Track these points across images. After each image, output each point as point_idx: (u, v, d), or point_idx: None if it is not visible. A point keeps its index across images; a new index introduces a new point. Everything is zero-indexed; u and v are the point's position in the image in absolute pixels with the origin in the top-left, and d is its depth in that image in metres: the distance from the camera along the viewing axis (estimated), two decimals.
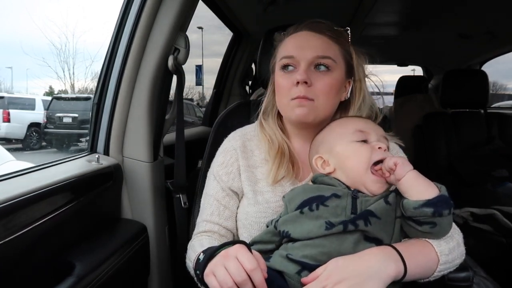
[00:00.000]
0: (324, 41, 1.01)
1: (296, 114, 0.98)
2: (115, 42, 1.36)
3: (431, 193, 0.83)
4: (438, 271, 0.89)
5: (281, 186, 1.04)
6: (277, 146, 1.05)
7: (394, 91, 3.81)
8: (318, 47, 0.99)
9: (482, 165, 2.45)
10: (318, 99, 0.97)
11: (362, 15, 2.43)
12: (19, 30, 33.65)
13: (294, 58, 0.99)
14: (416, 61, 4.29)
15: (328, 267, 0.81)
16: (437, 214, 0.82)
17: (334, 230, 0.84)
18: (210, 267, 0.79)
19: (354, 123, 0.97)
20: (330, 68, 0.99)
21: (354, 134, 0.93)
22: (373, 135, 0.93)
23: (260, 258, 0.79)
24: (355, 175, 0.90)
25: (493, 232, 1.91)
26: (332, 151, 0.95)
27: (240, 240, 0.83)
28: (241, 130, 1.16)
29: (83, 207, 1.15)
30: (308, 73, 0.97)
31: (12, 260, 0.89)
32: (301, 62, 0.98)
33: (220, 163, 1.10)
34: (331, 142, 0.96)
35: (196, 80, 16.11)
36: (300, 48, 0.99)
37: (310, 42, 1.00)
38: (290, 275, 0.84)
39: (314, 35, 1.01)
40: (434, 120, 2.74)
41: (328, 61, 0.98)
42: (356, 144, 0.92)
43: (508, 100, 9.43)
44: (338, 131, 0.97)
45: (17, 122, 9.54)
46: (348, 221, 0.84)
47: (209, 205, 1.09)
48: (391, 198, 0.87)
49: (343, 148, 0.93)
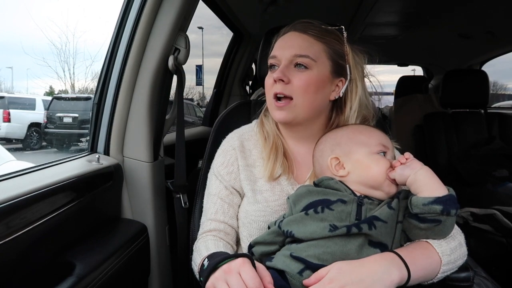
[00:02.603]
0: (304, 39, 1.03)
1: (275, 116, 1.04)
2: (115, 42, 1.36)
3: (441, 192, 0.84)
4: (442, 272, 0.89)
5: (279, 184, 1.05)
6: (271, 141, 1.08)
7: (394, 91, 3.82)
8: (297, 46, 1.01)
9: (483, 165, 2.45)
10: (297, 97, 1.00)
11: (363, 15, 2.43)
12: (19, 30, 33.66)
13: (276, 57, 1.03)
14: (416, 61, 4.28)
15: (331, 270, 0.80)
16: (445, 212, 0.83)
17: (337, 232, 0.84)
18: (212, 281, 0.79)
19: (379, 136, 0.98)
20: (308, 66, 1.00)
21: (377, 146, 0.95)
22: (390, 151, 0.97)
23: (264, 271, 0.80)
24: (374, 183, 0.92)
25: (493, 232, 1.91)
26: (350, 156, 0.95)
27: (244, 254, 0.84)
28: (239, 130, 1.17)
29: (84, 207, 1.15)
30: (286, 71, 1.00)
31: (12, 260, 0.89)
32: (282, 61, 1.02)
33: (221, 163, 1.11)
34: (351, 147, 0.97)
35: (196, 80, 16.15)
36: (282, 48, 1.03)
37: (291, 41, 1.03)
38: (292, 274, 0.83)
39: (297, 35, 1.04)
40: (435, 120, 2.75)
41: (305, 59, 1.00)
42: (378, 156, 0.94)
43: (508, 100, 9.43)
44: (361, 139, 0.97)
45: (17, 122, 9.53)
46: (351, 224, 0.85)
47: (213, 204, 1.09)
48: (394, 204, 0.89)
49: (365, 157, 0.94)
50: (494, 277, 1.38)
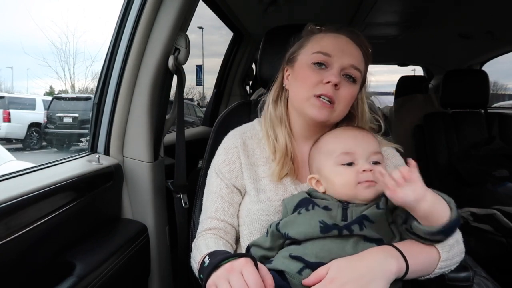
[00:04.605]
0: (360, 53, 1.04)
1: (313, 113, 0.99)
2: (115, 42, 1.36)
3: (444, 216, 0.82)
4: (439, 268, 0.88)
5: (283, 184, 1.05)
6: (282, 145, 1.06)
7: (394, 91, 3.82)
8: (356, 57, 1.02)
9: (483, 165, 2.45)
10: (339, 105, 1.00)
11: (363, 15, 2.43)
12: (19, 30, 33.68)
13: (331, 57, 1.00)
14: (416, 61, 4.28)
15: (331, 269, 0.80)
16: (449, 236, 0.85)
17: (330, 234, 0.85)
18: (213, 279, 0.79)
19: (341, 143, 0.97)
20: (356, 80, 1.02)
21: (339, 157, 0.94)
22: (360, 154, 0.93)
23: (266, 273, 0.80)
24: (345, 194, 0.92)
25: (493, 232, 1.91)
26: (321, 173, 0.98)
27: (247, 254, 0.84)
28: (240, 129, 1.16)
29: (84, 207, 1.15)
30: (339, 77, 0.99)
31: (12, 259, 0.89)
32: (335, 64, 1.00)
33: (222, 160, 1.11)
34: (319, 163, 0.99)
35: (196, 80, 16.14)
36: (341, 51, 1.01)
37: (349, 49, 1.02)
38: (292, 274, 0.84)
39: (353, 45, 1.03)
40: (435, 120, 2.75)
41: (357, 73, 1.01)
42: (340, 169, 0.94)
43: (508, 100, 9.43)
44: (325, 152, 0.99)
45: (17, 122, 9.53)
46: (342, 226, 0.85)
47: (213, 202, 1.09)
48: (382, 204, 0.89)
49: (329, 170, 0.96)
50: (494, 277, 1.38)
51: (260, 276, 0.78)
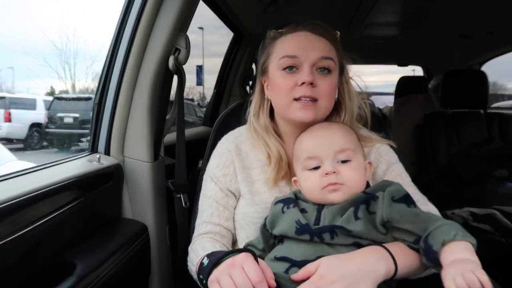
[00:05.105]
0: (325, 43, 1.02)
1: (299, 116, 0.99)
2: (116, 42, 1.37)
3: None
4: (430, 268, 0.88)
5: (278, 186, 1.06)
6: (275, 153, 1.05)
7: (394, 91, 3.82)
8: (321, 49, 1.01)
9: (482, 165, 2.46)
10: (322, 100, 0.99)
11: (363, 15, 2.43)
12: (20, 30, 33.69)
13: (297, 58, 1.00)
14: (416, 61, 4.28)
15: (321, 266, 0.80)
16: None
17: (302, 237, 0.86)
18: (215, 274, 0.79)
19: (305, 148, 0.96)
20: (330, 69, 1.01)
21: (304, 162, 0.95)
22: (325, 156, 0.91)
23: (266, 267, 0.81)
24: (314, 198, 0.92)
25: (493, 232, 1.91)
26: (297, 175, 0.98)
27: (247, 249, 0.84)
28: (234, 132, 1.17)
29: (84, 207, 1.15)
30: (312, 74, 0.98)
31: (13, 259, 0.89)
32: (304, 63, 0.99)
33: (216, 165, 1.11)
34: (296, 164, 1.00)
35: (196, 80, 16.11)
36: (304, 49, 1.00)
37: (313, 43, 1.01)
38: (279, 274, 0.84)
39: (315, 37, 1.02)
40: (434, 120, 2.75)
41: (330, 62, 1.00)
42: (306, 174, 0.94)
43: (508, 100, 9.42)
44: (295, 157, 1.00)
45: (18, 122, 9.54)
46: (314, 232, 0.85)
47: (208, 206, 1.09)
48: (360, 212, 0.85)
49: (299, 175, 0.97)
50: (494, 277, 1.37)
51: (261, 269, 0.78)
